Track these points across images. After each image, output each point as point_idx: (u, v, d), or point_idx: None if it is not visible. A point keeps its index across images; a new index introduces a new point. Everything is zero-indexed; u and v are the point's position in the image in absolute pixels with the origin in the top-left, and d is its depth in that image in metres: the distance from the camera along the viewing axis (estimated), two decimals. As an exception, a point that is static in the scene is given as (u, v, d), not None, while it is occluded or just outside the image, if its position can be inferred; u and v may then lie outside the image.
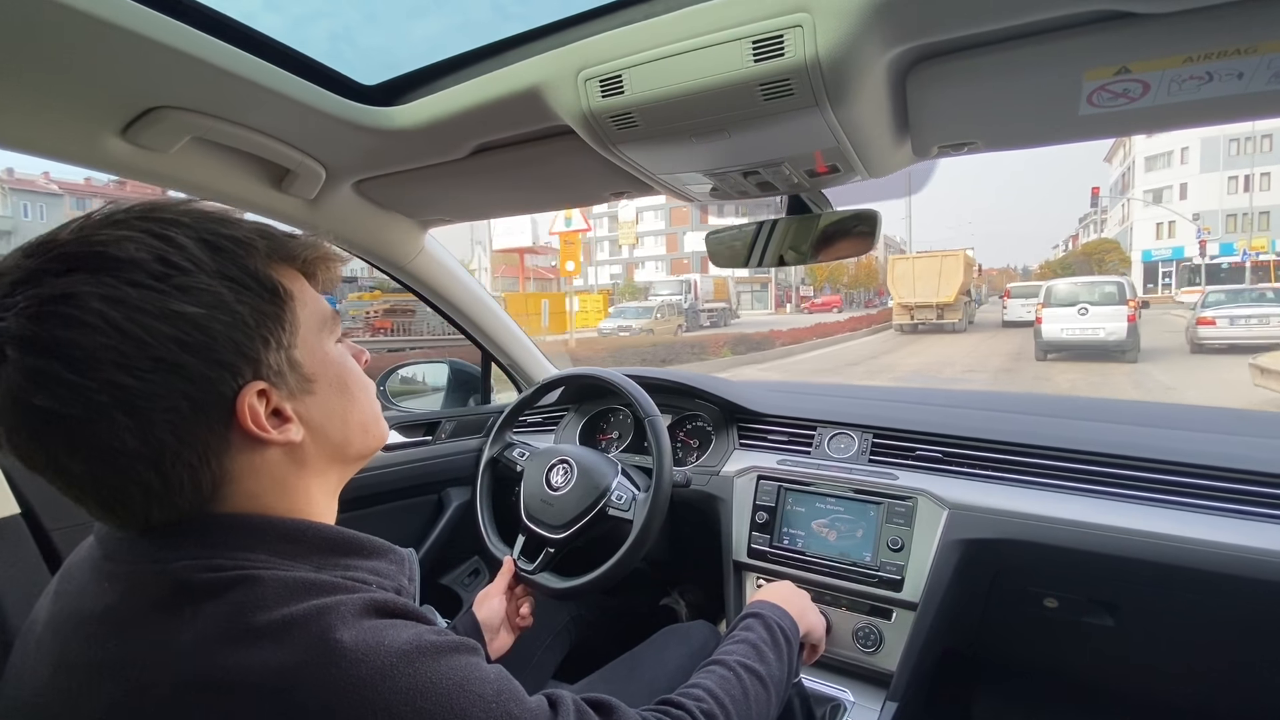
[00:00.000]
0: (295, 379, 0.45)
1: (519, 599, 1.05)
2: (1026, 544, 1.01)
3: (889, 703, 1.04)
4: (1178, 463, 0.98)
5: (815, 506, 1.17)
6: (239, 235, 0.43)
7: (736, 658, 0.69)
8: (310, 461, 0.48)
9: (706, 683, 0.64)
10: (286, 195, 0.99)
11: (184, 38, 0.65)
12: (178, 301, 0.39)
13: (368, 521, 1.31)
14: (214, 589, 0.39)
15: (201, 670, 0.37)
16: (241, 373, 0.41)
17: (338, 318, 0.51)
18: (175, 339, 0.38)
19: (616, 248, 52.57)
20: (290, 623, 0.38)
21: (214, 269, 0.41)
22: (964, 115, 0.75)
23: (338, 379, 0.49)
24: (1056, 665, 1.28)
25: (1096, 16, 0.58)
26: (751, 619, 0.78)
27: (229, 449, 0.42)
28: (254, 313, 0.42)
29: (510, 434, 1.28)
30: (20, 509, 0.81)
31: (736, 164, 0.83)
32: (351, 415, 0.50)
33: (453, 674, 0.40)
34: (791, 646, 0.77)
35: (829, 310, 36.19)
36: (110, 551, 0.44)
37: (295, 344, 0.46)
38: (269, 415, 0.44)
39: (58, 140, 0.77)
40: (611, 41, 0.68)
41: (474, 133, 0.87)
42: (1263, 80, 0.61)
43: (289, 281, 0.46)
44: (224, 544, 0.42)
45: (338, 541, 0.47)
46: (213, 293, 0.40)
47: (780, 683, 0.71)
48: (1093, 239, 49.15)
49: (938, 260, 18.65)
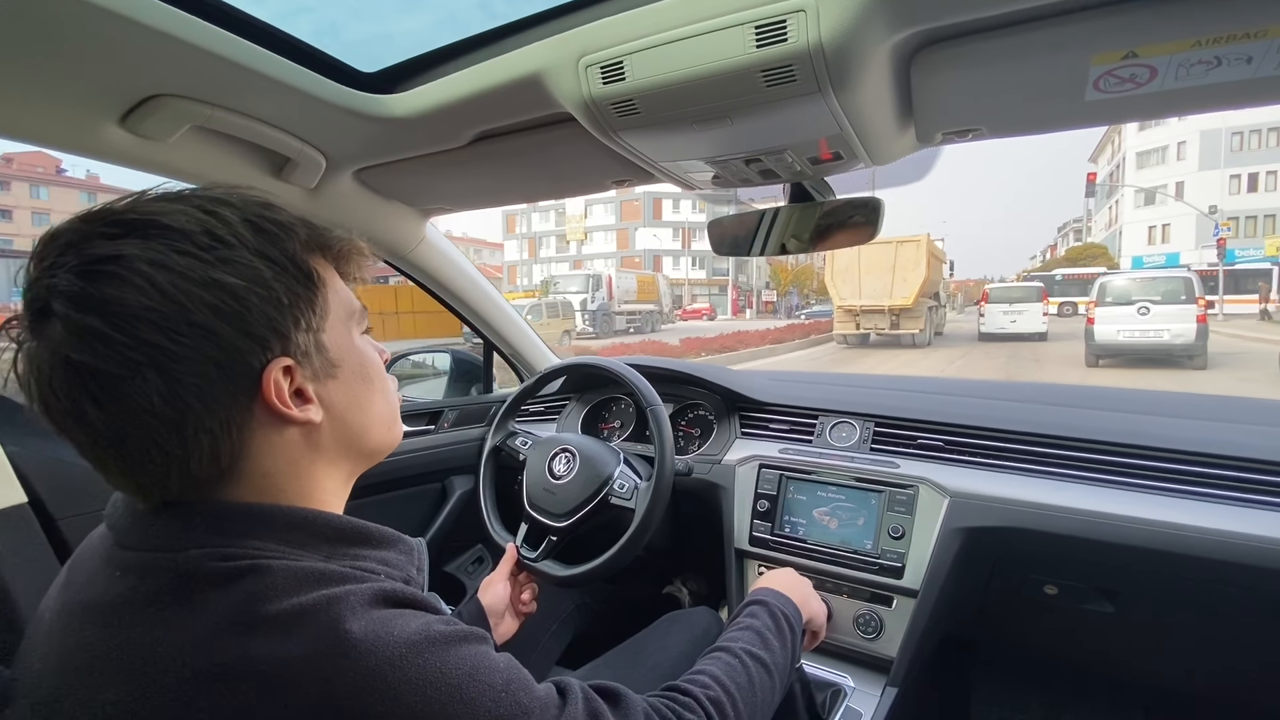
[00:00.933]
0: (321, 361, 0.47)
1: (522, 586, 1.05)
2: (1027, 532, 1.01)
3: (889, 688, 1.05)
4: (1180, 450, 0.98)
5: (817, 495, 1.18)
6: (282, 220, 0.45)
7: (742, 645, 0.69)
8: (326, 447, 0.48)
9: (712, 669, 0.64)
10: (287, 184, 0.99)
11: (183, 25, 0.65)
12: (219, 271, 0.40)
13: (372, 510, 1.32)
14: (224, 578, 0.40)
15: (211, 660, 0.37)
16: (271, 347, 0.43)
17: (365, 311, 0.53)
18: (213, 306, 0.40)
19: (564, 243, 49.03)
20: (300, 613, 0.38)
21: (256, 247, 0.43)
22: (969, 101, 0.74)
23: (361, 368, 0.51)
24: (1056, 652, 1.29)
25: (1104, 0, 0.58)
26: (755, 606, 0.79)
27: (250, 422, 0.43)
28: (288, 292, 0.44)
29: (512, 423, 1.28)
30: (27, 498, 0.81)
31: (739, 151, 0.83)
32: (372, 406, 0.52)
33: (462, 664, 0.41)
34: (795, 634, 0.78)
35: (699, 317, 31.06)
36: (122, 539, 0.44)
37: (324, 328, 0.47)
38: (292, 394, 0.45)
39: (57, 129, 0.77)
40: (613, 27, 0.68)
41: (474, 120, 0.87)
42: (1272, 65, 0.61)
43: (323, 269, 0.48)
44: (234, 531, 0.42)
45: (347, 531, 0.47)
46: (252, 268, 0.42)
47: (784, 669, 0.72)
48: (1075, 245, 45.55)
49: (891, 249, 13.91)
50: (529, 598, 1.04)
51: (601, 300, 21.31)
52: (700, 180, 0.95)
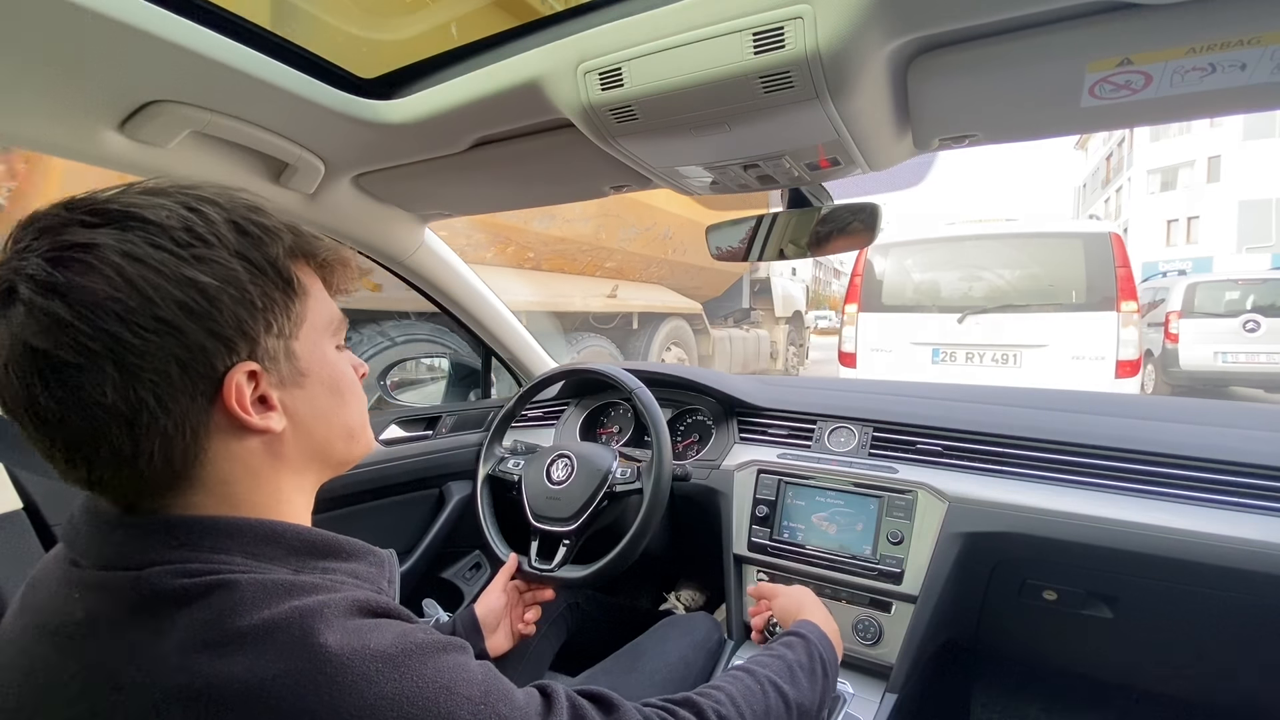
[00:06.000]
0: (289, 368, 0.46)
1: (526, 605, 1.04)
2: (1026, 537, 1.01)
3: (888, 695, 1.05)
4: (1181, 456, 0.98)
5: (815, 500, 1.18)
6: (268, 224, 0.45)
7: (768, 672, 0.66)
8: (288, 456, 0.47)
9: (730, 689, 0.61)
10: (286, 189, 0.99)
11: (182, 31, 0.65)
12: (193, 269, 0.40)
13: (369, 516, 1.32)
14: (190, 595, 0.38)
15: (182, 680, 0.36)
16: (237, 350, 0.42)
17: (344, 323, 0.52)
18: (181, 304, 0.39)
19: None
20: (272, 627, 0.37)
21: (236, 249, 0.42)
22: (965, 107, 0.75)
23: (331, 379, 0.49)
24: (1055, 657, 1.28)
25: (1099, 8, 0.58)
26: (794, 638, 0.75)
27: (207, 425, 0.42)
28: (263, 296, 0.43)
29: (500, 447, 1.27)
30: (23, 504, 0.81)
31: (737, 157, 0.83)
32: (337, 418, 0.50)
33: (439, 676, 0.40)
34: (828, 679, 0.73)
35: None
36: (81, 556, 0.43)
37: (297, 335, 0.46)
38: (255, 400, 0.44)
39: (56, 134, 0.77)
40: (611, 34, 0.68)
41: (473, 126, 0.87)
42: (1266, 71, 0.61)
43: (306, 278, 0.47)
44: (197, 545, 0.41)
45: (315, 543, 0.46)
46: (229, 269, 0.41)
47: (808, 713, 0.66)
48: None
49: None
50: (533, 618, 1.03)
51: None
52: (698, 185, 0.95)
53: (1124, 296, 3.82)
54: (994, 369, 4.16)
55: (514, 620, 1.01)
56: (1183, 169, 22.80)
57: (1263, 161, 20.26)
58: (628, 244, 4.78)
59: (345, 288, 0.52)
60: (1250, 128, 20.35)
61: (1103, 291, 3.87)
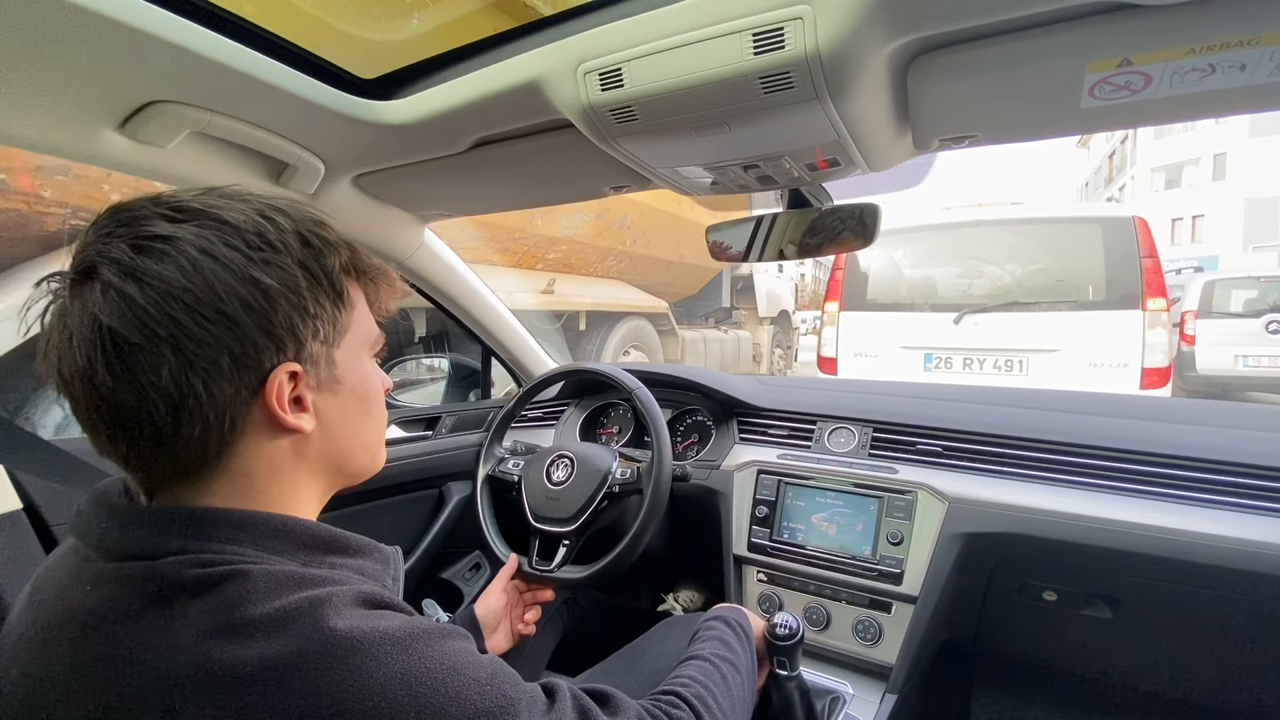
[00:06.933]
0: (327, 374, 0.49)
1: (526, 605, 1.05)
2: (1026, 537, 1.01)
3: (888, 695, 1.05)
4: (1180, 456, 0.98)
5: (815, 501, 1.18)
6: (329, 238, 0.48)
7: (710, 650, 0.75)
8: (311, 458, 0.49)
9: (690, 672, 0.69)
10: (285, 190, 0.99)
11: (182, 32, 0.65)
12: (259, 270, 0.43)
13: (369, 516, 1.32)
14: (204, 585, 0.39)
15: (197, 666, 0.37)
16: (285, 349, 0.45)
17: (381, 339, 0.55)
18: (244, 300, 0.42)
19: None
20: (284, 614, 0.39)
21: (299, 257, 0.46)
22: (965, 108, 0.75)
23: (362, 390, 0.52)
24: (1055, 658, 1.28)
25: (1099, 8, 0.58)
26: (712, 621, 0.85)
27: (245, 418, 0.44)
28: (316, 303, 0.46)
29: (500, 447, 1.27)
30: (22, 504, 0.81)
31: (737, 158, 0.83)
32: (361, 428, 0.53)
33: (446, 658, 0.41)
34: (750, 639, 0.84)
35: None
36: (95, 548, 0.44)
37: (339, 344, 0.49)
38: (290, 400, 0.46)
39: (56, 135, 0.77)
40: (611, 35, 0.68)
41: (473, 127, 0.87)
42: (1265, 72, 0.61)
43: (354, 292, 0.51)
44: (210, 537, 0.42)
45: (323, 539, 0.47)
46: (290, 275, 0.45)
47: (750, 670, 0.79)
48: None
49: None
50: (533, 618, 1.03)
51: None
52: (699, 186, 0.95)
53: (1150, 292, 3.16)
54: (995, 377, 3.51)
55: (514, 620, 1.01)
56: (1187, 166, 22.38)
57: (1269, 159, 19.82)
58: (574, 232, 4.22)
59: (387, 307, 0.56)
60: (1256, 125, 19.88)
61: (1125, 287, 3.22)
